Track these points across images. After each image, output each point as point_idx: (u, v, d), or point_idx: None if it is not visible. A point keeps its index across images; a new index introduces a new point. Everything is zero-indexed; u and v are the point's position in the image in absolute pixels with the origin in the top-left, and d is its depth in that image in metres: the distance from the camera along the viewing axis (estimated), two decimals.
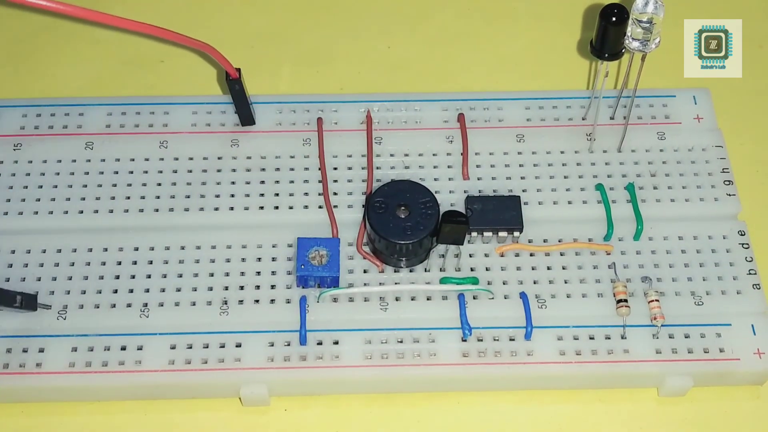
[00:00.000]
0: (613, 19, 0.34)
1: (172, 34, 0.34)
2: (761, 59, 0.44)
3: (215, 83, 0.44)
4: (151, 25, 0.34)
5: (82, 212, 0.38)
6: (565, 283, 0.37)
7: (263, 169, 0.39)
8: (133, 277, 0.36)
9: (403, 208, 0.36)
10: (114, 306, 0.36)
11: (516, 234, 0.37)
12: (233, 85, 0.38)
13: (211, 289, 0.36)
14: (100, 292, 0.36)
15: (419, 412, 0.36)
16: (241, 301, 0.36)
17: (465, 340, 0.35)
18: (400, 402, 0.36)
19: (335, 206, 0.38)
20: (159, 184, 0.39)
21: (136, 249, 0.37)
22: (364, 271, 0.37)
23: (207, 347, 0.35)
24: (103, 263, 0.37)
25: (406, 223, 0.36)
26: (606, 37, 0.35)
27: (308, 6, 0.47)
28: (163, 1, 0.46)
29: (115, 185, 0.38)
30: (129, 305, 0.36)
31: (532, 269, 0.37)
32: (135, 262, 0.37)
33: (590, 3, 0.46)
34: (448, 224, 0.34)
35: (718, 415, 0.36)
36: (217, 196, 0.38)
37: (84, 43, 0.45)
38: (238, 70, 0.38)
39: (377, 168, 0.39)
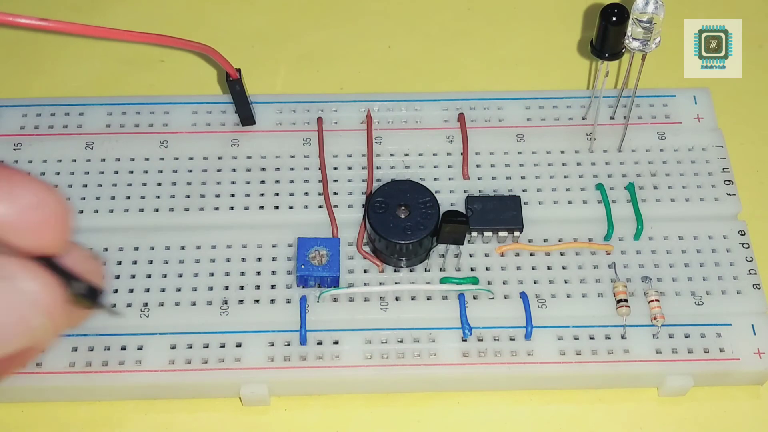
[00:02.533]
0: (614, 18, 0.34)
1: (171, 39, 0.34)
2: (761, 59, 0.44)
3: (215, 83, 0.44)
4: (149, 34, 0.34)
5: (82, 212, 0.38)
6: (565, 283, 0.37)
7: (263, 169, 0.39)
8: (133, 277, 0.36)
9: (403, 208, 0.36)
10: (114, 306, 0.36)
11: (516, 234, 0.37)
12: (233, 85, 0.38)
13: (211, 289, 0.36)
14: None
15: (419, 412, 0.36)
16: (241, 301, 0.36)
17: (465, 340, 0.35)
18: (400, 402, 0.36)
19: (335, 206, 0.38)
20: (159, 184, 0.38)
21: (136, 249, 0.37)
22: (364, 271, 0.37)
23: (207, 347, 0.35)
24: (103, 263, 0.37)
25: (406, 223, 0.36)
26: (606, 36, 0.35)
27: (308, 6, 0.47)
28: (163, 0, 0.46)
29: (115, 185, 0.38)
30: (129, 305, 0.36)
31: (532, 269, 0.37)
32: (135, 262, 0.37)
33: (590, 3, 0.46)
34: (449, 224, 0.35)
35: (718, 415, 0.36)
36: (218, 195, 0.38)
37: (84, 43, 0.45)
38: (239, 70, 0.38)
39: (377, 168, 0.39)
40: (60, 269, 0.23)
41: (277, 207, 0.38)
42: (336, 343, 0.35)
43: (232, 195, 0.38)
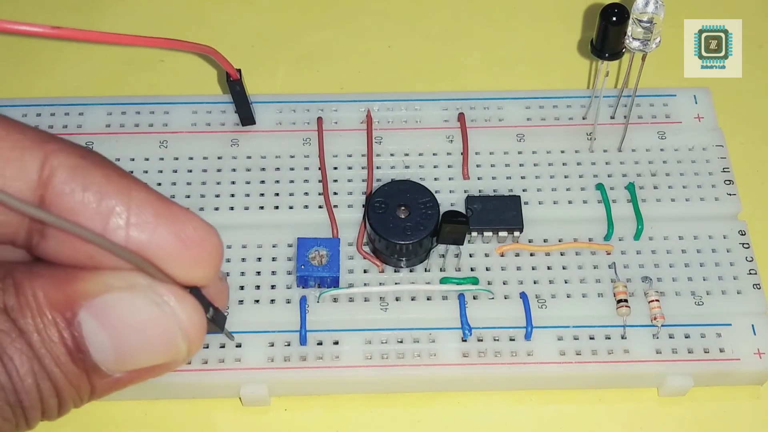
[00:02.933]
0: (614, 18, 0.34)
1: (172, 42, 0.34)
2: (761, 59, 0.44)
3: (215, 83, 0.44)
4: (152, 38, 0.34)
5: None
6: (565, 283, 0.37)
7: (263, 169, 0.39)
8: None
9: (403, 208, 0.36)
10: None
11: (516, 234, 0.37)
12: (234, 85, 0.38)
13: None
14: None
15: (419, 412, 0.36)
16: (241, 301, 0.36)
17: (465, 340, 0.35)
18: (400, 402, 0.36)
19: (335, 206, 0.38)
20: (159, 184, 0.38)
21: None
22: (364, 271, 0.37)
23: (207, 347, 0.35)
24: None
25: (406, 223, 0.36)
26: (606, 36, 0.35)
27: (308, 6, 0.47)
28: (163, 0, 0.46)
29: None
30: None
31: (532, 269, 0.37)
32: None
33: (590, 3, 0.46)
34: (449, 224, 0.35)
35: (718, 415, 0.36)
36: (217, 195, 0.38)
37: (84, 43, 0.45)
38: (239, 70, 0.38)
39: (377, 168, 0.39)
40: (202, 297, 0.25)
41: (277, 207, 0.38)
42: (336, 343, 0.35)
43: (232, 195, 0.38)
